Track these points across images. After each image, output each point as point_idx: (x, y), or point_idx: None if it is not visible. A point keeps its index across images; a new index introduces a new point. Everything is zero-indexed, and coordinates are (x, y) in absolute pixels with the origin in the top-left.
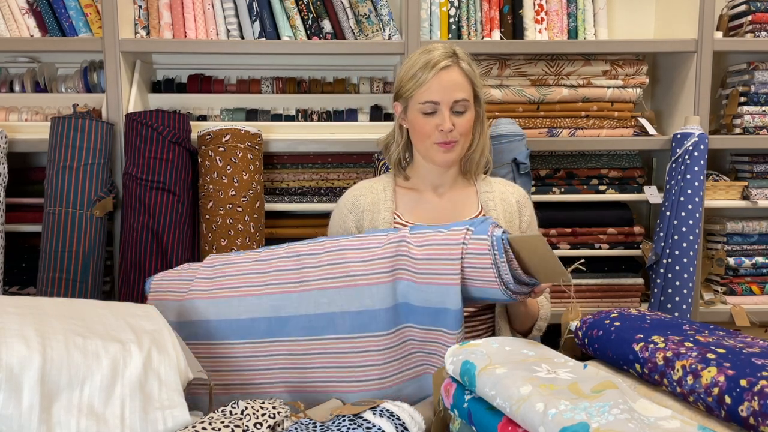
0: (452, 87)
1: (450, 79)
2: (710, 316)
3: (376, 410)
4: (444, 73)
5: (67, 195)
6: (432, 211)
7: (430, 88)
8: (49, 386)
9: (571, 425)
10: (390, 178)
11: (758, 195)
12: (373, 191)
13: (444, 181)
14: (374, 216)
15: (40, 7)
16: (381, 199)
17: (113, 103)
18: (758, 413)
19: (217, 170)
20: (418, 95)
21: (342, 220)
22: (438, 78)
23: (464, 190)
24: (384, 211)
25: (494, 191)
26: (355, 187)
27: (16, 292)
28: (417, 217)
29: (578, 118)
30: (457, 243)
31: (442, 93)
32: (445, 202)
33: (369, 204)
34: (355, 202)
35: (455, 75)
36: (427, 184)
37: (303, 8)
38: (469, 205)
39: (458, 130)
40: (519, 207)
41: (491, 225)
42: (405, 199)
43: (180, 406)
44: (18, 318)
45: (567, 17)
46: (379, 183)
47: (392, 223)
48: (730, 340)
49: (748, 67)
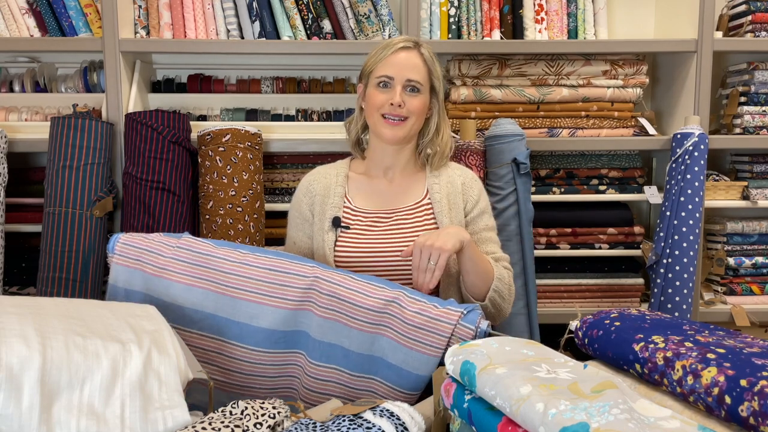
0: (407, 66)
1: (407, 58)
2: (710, 316)
3: (376, 410)
4: (402, 51)
5: (67, 195)
6: (381, 195)
7: (386, 63)
8: (49, 386)
9: (571, 425)
10: (345, 165)
11: (758, 195)
12: (326, 176)
13: (395, 162)
14: (325, 200)
15: (40, 7)
16: (333, 184)
17: (113, 103)
18: (758, 413)
19: (217, 170)
20: (376, 70)
21: (298, 204)
22: (396, 55)
23: (414, 175)
24: (334, 196)
25: (441, 175)
26: (311, 173)
27: (16, 292)
28: (366, 202)
29: (578, 118)
30: (450, 322)
31: (397, 69)
32: (394, 186)
33: (321, 189)
34: (309, 186)
35: (412, 56)
36: (379, 166)
37: (303, 8)
38: (416, 189)
39: (408, 107)
40: (464, 188)
41: (479, 316)
42: (356, 184)
43: (180, 406)
44: (18, 318)
45: (567, 17)
46: (333, 169)
47: (342, 208)
48: (730, 340)
49: (748, 67)
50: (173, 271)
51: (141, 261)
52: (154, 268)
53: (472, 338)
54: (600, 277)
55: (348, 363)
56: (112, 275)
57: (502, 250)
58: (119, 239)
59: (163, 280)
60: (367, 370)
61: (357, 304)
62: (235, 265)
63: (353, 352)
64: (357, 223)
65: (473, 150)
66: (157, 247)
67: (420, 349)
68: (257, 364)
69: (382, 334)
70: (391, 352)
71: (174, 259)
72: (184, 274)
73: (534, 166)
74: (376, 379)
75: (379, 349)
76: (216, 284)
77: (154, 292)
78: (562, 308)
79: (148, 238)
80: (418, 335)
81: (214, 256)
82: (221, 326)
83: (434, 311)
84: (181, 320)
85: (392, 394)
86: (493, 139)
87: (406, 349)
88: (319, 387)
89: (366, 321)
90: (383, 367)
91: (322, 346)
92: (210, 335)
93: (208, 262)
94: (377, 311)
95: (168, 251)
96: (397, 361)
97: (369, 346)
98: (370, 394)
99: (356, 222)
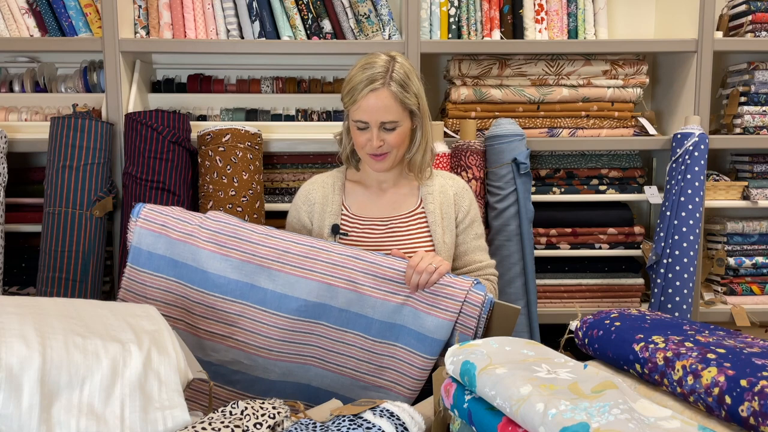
0: (379, 110)
1: (377, 102)
2: (710, 316)
3: (376, 410)
4: (372, 96)
5: (66, 195)
6: (376, 204)
7: (359, 107)
8: (49, 386)
9: (571, 425)
10: (341, 173)
11: (758, 195)
12: (324, 185)
13: (386, 179)
14: (324, 209)
15: (40, 7)
16: (330, 193)
17: (113, 103)
18: (758, 413)
19: (217, 170)
20: (352, 112)
21: (297, 212)
22: (366, 100)
23: (407, 184)
24: (332, 204)
25: (434, 185)
26: (309, 182)
27: (16, 292)
28: (363, 210)
29: (578, 118)
30: (463, 288)
31: (370, 114)
32: (389, 195)
33: (320, 197)
34: (307, 195)
35: (383, 98)
36: (372, 179)
37: (303, 8)
38: (411, 198)
39: (388, 144)
40: (456, 199)
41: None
42: (353, 193)
43: (180, 407)
44: (18, 318)
45: (567, 17)
46: (330, 178)
47: (339, 215)
48: (730, 340)
49: (749, 67)
50: (199, 238)
51: (166, 227)
52: (180, 234)
53: (481, 304)
54: (600, 277)
55: (370, 330)
56: (135, 238)
57: (502, 251)
58: (144, 206)
59: (188, 245)
60: (388, 337)
61: (383, 277)
62: (264, 237)
63: (377, 320)
64: (355, 230)
65: (473, 150)
66: (184, 215)
67: (437, 314)
68: (279, 329)
69: (407, 304)
70: (412, 318)
71: (201, 227)
72: (210, 242)
73: (534, 166)
74: (397, 345)
75: (401, 318)
76: (243, 253)
77: (179, 256)
78: (562, 308)
79: (176, 208)
80: (435, 301)
81: (242, 227)
82: (245, 291)
83: (448, 279)
84: (204, 283)
85: (411, 358)
86: (493, 139)
87: (425, 314)
88: (341, 349)
89: (391, 292)
90: (404, 334)
91: (347, 315)
92: (233, 299)
93: (236, 232)
94: (395, 282)
95: (196, 219)
96: (416, 326)
97: (392, 314)
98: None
99: (354, 229)
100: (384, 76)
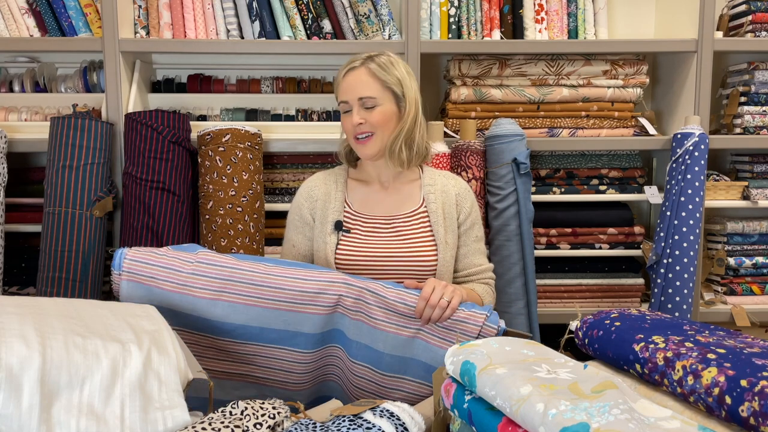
0: (356, 86)
1: (354, 79)
2: (710, 316)
3: (376, 410)
4: (350, 74)
5: (66, 195)
6: (379, 202)
7: (340, 89)
8: (49, 386)
9: (571, 425)
10: (343, 171)
11: (758, 195)
12: (327, 183)
13: (386, 175)
14: (326, 205)
15: (40, 7)
16: (333, 190)
17: (113, 103)
18: (758, 413)
19: (217, 170)
20: (337, 99)
21: (299, 208)
22: (345, 80)
23: (409, 183)
24: (335, 201)
25: (436, 184)
26: (311, 179)
27: (16, 292)
28: (365, 207)
29: (578, 118)
30: (476, 324)
31: (348, 92)
32: (391, 194)
33: (322, 194)
34: (310, 192)
35: (360, 75)
36: (373, 177)
37: (303, 8)
38: (413, 197)
39: (369, 122)
40: (458, 200)
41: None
42: (355, 191)
43: (180, 407)
44: (18, 318)
45: (567, 17)
46: (332, 175)
47: (342, 212)
48: (730, 341)
49: (749, 67)
50: (195, 287)
51: (156, 278)
52: (174, 285)
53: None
54: (600, 277)
55: (380, 364)
56: (123, 292)
57: (502, 251)
58: (125, 255)
59: (185, 296)
60: (398, 370)
61: (393, 311)
62: (263, 276)
63: (386, 354)
64: (358, 227)
65: (473, 150)
66: (172, 263)
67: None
68: (300, 363)
69: (417, 337)
70: (423, 352)
71: (195, 274)
72: (208, 289)
73: (534, 166)
74: (406, 378)
75: (411, 351)
76: (246, 297)
77: (177, 307)
78: (562, 308)
79: (159, 253)
80: (449, 336)
81: (239, 269)
82: (255, 333)
83: (462, 314)
84: (211, 330)
85: (419, 389)
86: (493, 139)
87: (437, 348)
88: (355, 381)
89: (401, 326)
90: (414, 366)
91: (358, 346)
92: (244, 341)
93: (234, 275)
94: (408, 316)
95: (187, 267)
96: (427, 359)
97: (403, 348)
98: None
99: (357, 226)
100: (364, 59)
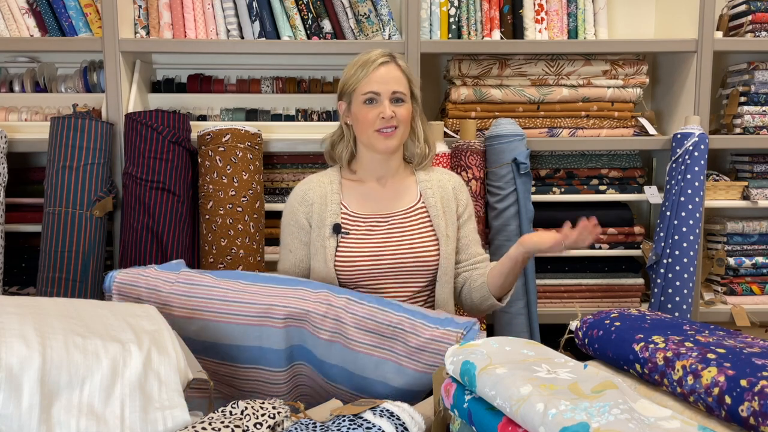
0: (390, 80)
1: (388, 73)
2: (710, 316)
3: (376, 410)
4: (383, 67)
5: (66, 195)
6: (375, 200)
7: (370, 80)
8: (49, 386)
9: (571, 425)
10: (336, 172)
11: (758, 195)
12: (321, 185)
13: (387, 171)
14: (323, 208)
15: (40, 7)
16: (328, 192)
17: (113, 103)
18: (758, 413)
19: (217, 170)
20: (360, 88)
21: (293, 214)
22: (377, 71)
23: (405, 179)
24: (331, 203)
25: (432, 179)
26: (304, 181)
27: (16, 292)
28: (362, 207)
29: (578, 118)
30: (449, 343)
31: (382, 84)
32: (387, 191)
33: (318, 197)
34: (304, 195)
35: (393, 70)
36: (371, 175)
37: (303, 8)
38: (409, 193)
39: (397, 117)
40: (455, 192)
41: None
42: (351, 191)
43: (180, 407)
44: (18, 318)
45: (567, 17)
46: (326, 177)
47: (339, 214)
48: (730, 340)
49: (748, 67)
50: (173, 305)
51: (141, 299)
52: (156, 304)
53: None
54: (600, 277)
55: (351, 384)
56: None
57: (502, 251)
58: (115, 278)
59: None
60: (368, 392)
61: (363, 329)
62: (239, 293)
63: (357, 375)
64: (356, 228)
65: (473, 150)
66: (154, 283)
67: (422, 369)
68: (274, 384)
69: (387, 358)
70: (394, 374)
71: (172, 294)
72: (184, 308)
73: (534, 166)
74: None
75: (382, 374)
76: (218, 314)
77: None
78: (562, 308)
79: (144, 274)
80: (420, 357)
81: (216, 287)
82: (231, 353)
83: (436, 332)
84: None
85: None
86: (493, 139)
87: (409, 370)
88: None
89: (372, 345)
90: (385, 389)
91: (327, 366)
92: (220, 361)
93: (210, 293)
94: (382, 336)
95: (166, 287)
96: (399, 383)
97: (373, 369)
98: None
99: (354, 227)
100: (389, 55)
